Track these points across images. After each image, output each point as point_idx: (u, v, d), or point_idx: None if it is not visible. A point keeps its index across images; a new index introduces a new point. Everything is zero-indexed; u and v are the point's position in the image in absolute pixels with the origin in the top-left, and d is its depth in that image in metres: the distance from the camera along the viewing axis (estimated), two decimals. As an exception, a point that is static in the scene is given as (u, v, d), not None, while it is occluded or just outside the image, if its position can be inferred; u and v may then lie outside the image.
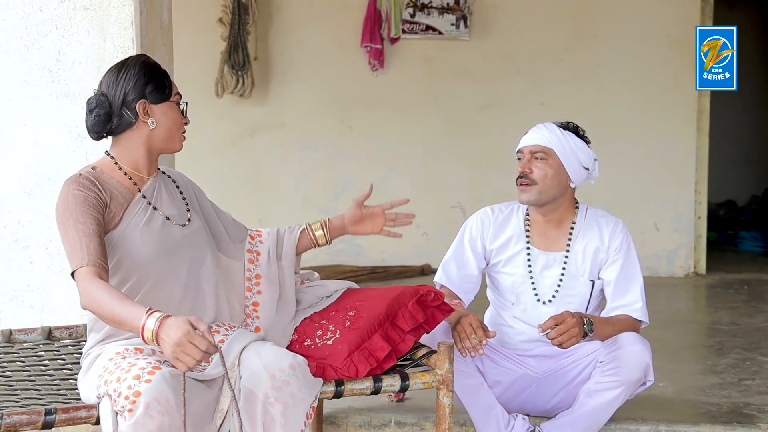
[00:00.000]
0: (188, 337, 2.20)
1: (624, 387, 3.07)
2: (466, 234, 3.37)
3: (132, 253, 2.57)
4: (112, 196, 2.59)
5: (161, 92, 2.66)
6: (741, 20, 7.80)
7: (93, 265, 2.41)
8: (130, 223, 2.60)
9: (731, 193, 9.39)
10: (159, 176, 2.76)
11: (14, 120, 3.43)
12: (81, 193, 2.54)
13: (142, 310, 2.28)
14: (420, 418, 3.46)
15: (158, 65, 2.73)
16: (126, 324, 2.31)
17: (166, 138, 2.69)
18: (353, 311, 2.84)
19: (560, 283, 3.25)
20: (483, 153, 6.72)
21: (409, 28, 6.74)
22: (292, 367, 2.46)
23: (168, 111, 2.68)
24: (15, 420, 2.34)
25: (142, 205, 2.64)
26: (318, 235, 3.04)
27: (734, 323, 5.30)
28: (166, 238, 2.64)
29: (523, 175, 3.21)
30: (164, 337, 2.23)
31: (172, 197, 2.75)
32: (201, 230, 2.76)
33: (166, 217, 2.67)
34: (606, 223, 3.28)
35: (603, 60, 6.72)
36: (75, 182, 2.58)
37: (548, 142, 3.21)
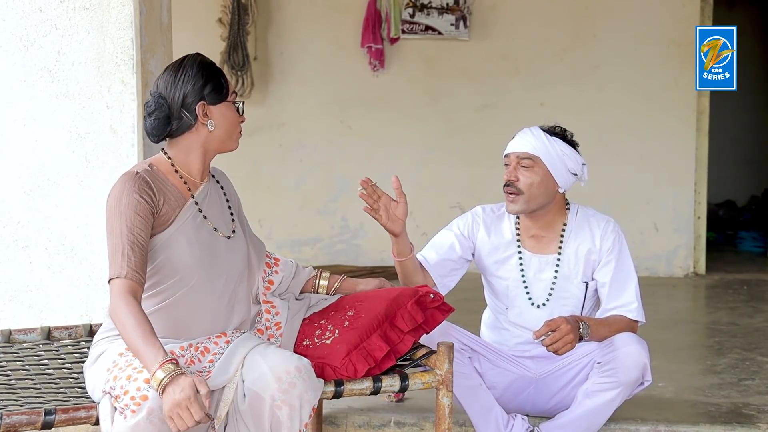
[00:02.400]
0: (187, 403, 2.22)
1: (622, 388, 3.07)
2: (455, 226, 3.36)
3: (175, 258, 2.56)
4: (165, 198, 2.57)
5: (219, 92, 2.64)
6: (740, 20, 7.79)
7: (130, 278, 2.40)
8: (179, 228, 2.58)
9: (731, 193, 9.39)
10: (210, 181, 2.74)
11: (14, 120, 3.44)
12: (135, 196, 2.50)
13: (159, 355, 2.28)
14: (419, 419, 3.46)
15: (214, 64, 2.71)
16: (139, 358, 2.32)
17: (224, 138, 2.67)
18: (352, 311, 2.84)
19: (553, 286, 3.25)
20: (482, 153, 6.72)
21: (409, 28, 6.75)
22: (298, 369, 2.46)
23: (226, 111, 2.66)
24: (15, 420, 2.34)
25: (193, 211, 2.62)
26: (321, 285, 3.00)
27: (734, 323, 5.30)
28: (211, 249, 2.63)
29: (510, 184, 3.19)
30: (168, 393, 2.24)
31: (220, 205, 2.74)
32: (242, 242, 2.75)
33: (214, 227, 2.66)
34: (597, 223, 3.27)
35: (602, 60, 6.72)
36: (132, 182, 2.53)
37: (534, 149, 3.18)
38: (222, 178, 2.85)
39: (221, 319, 2.65)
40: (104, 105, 3.41)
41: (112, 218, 2.50)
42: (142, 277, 2.44)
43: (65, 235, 3.43)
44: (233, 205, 2.81)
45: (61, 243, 3.43)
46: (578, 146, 3.26)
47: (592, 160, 3.35)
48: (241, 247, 2.76)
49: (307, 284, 2.99)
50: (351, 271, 6.35)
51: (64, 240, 3.43)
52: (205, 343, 2.57)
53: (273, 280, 2.89)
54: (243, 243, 2.77)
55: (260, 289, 2.85)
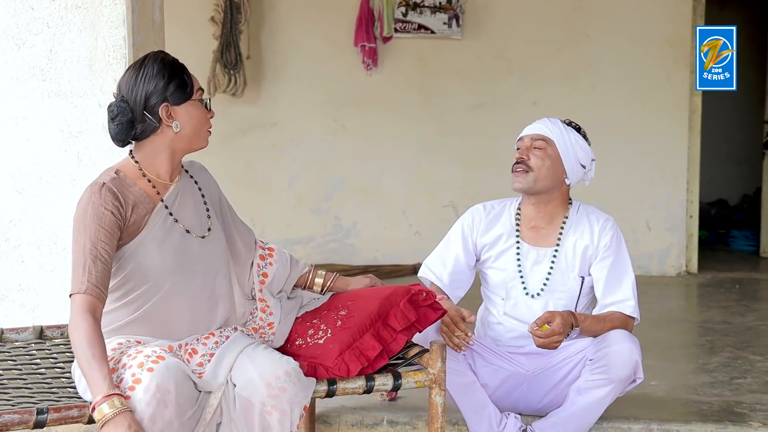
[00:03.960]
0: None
1: (613, 385, 3.08)
2: (458, 232, 3.38)
3: (146, 264, 2.54)
4: (134, 207, 2.54)
5: (183, 91, 2.60)
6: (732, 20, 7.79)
7: (89, 293, 2.40)
8: (149, 234, 2.55)
9: (723, 192, 9.41)
10: (183, 179, 2.69)
11: (5, 119, 3.43)
12: (100, 209, 2.48)
13: (104, 386, 2.27)
14: (412, 417, 3.46)
15: (177, 61, 2.65)
16: (86, 381, 2.32)
17: (191, 138, 2.63)
18: (345, 311, 2.84)
19: (548, 277, 3.26)
20: (476, 152, 6.73)
21: (402, 27, 6.74)
22: (287, 374, 2.46)
23: (192, 110, 2.62)
24: (7, 419, 2.33)
25: (162, 215, 2.59)
26: (317, 282, 2.98)
27: (726, 322, 5.31)
28: (184, 252, 2.60)
29: (521, 161, 3.23)
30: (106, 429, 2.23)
31: (194, 204, 2.69)
32: (219, 241, 2.72)
33: (186, 230, 2.63)
34: (596, 219, 3.29)
35: (595, 59, 6.73)
36: (98, 194, 2.51)
37: (549, 132, 3.25)
38: (198, 172, 2.80)
39: (203, 319, 2.64)
40: (96, 104, 3.40)
41: (76, 231, 2.48)
42: (103, 292, 2.43)
43: (57, 234, 3.42)
44: (210, 200, 2.75)
45: (53, 242, 3.42)
46: (590, 143, 3.30)
47: (585, 159, 3.36)
48: (218, 244, 2.71)
49: (299, 279, 2.97)
50: (344, 270, 6.34)
51: (56, 239, 3.42)
52: (194, 345, 2.57)
53: (267, 272, 2.87)
54: (220, 239, 2.73)
55: (255, 284, 2.83)
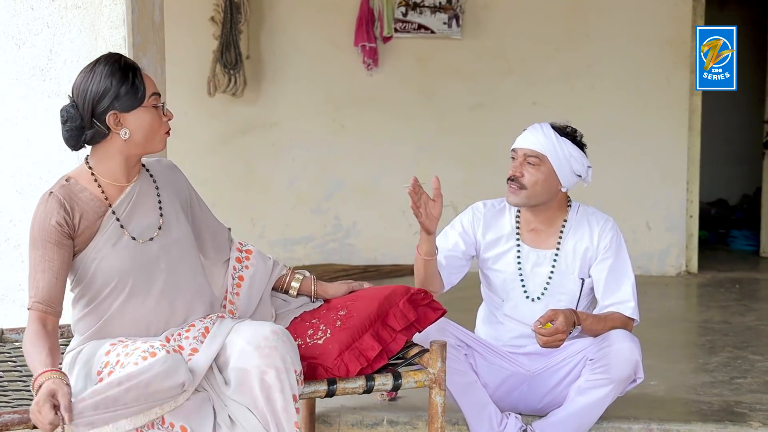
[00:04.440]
0: (37, 407, 2.18)
1: (614, 385, 3.08)
2: (458, 224, 3.39)
3: (106, 267, 2.54)
4: (82, 215, 2.53)
5: (133, 97, 2.51)
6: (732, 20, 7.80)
7: (36, 309, 2.42)
8: (101, 240, 2.54)
9: (723, 191, 9.40)
10: (139, 182, 2.63)
11: (5, 119, 3.43)
12: (45, 222, 2.48)
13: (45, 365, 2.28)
14: (412, 417, 3.46)
15: (128, 66, 2.55)
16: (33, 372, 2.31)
17: (143, 143, 2.56)
18: (344, 310, 2.84)
19: (549, 280, 3.26)
20: (475, 152, 6.72)
21: (402, 27, 6.74)
22: (275, 333, 2.48)
23: (143, 116, 2.54)
24: (6, 419, 2.34)
25: (111, 222, 2.56)
26: (293, 286, 2.95)
27: (726, 322, 5.31)
28: (141, 254, 2.58)
29: (514, 179, 3.21)
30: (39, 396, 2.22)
31: (147, 206, 2.63)
32: (180, 236, 2.67)
33: (132, 236, 2.57)
34: (596, 221, 3.29)
35: (595, 59, 6.73)
36: (44, 205, 2.51)
37: (542, 148, 3.19)
38: (162, 170, 2.74)
39: (179, 313, 2.62)
40: (96, 104, 3.40)
41: (29, 243, 2.50)
42: (52, 306, 2.44)
43: (57, 234, 3.42)
44: (167, 200, 2.68)
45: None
46: (586, 147, 3.28)
47: (584, 159, 3.36)
48: (181, 242, 2.66)
49: (277, 282, 2.95)
50: (344, 270, 6.35)
51: (56, 239, 3.42)
52: (179, 341, 2.56)
53: (243, 275, 2.86)
54: (182, 238, 2.67)
55: (230, 287, 2.84)
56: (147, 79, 2.57)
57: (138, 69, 2.56)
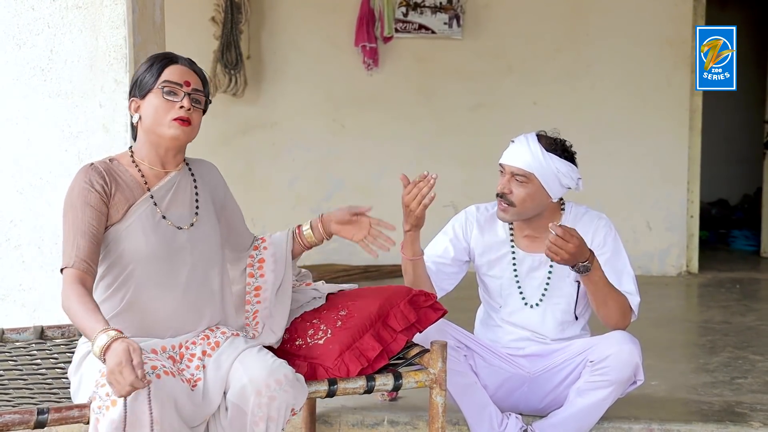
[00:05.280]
0: (119, 367, 2.19)
1: (614, 386, 3.08)
2: (450, 229, 3.37)
3: (132, 248, 2.56)
4: (118, 188, 2.59)
5: (146, 85, 2.61)
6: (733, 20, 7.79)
7: (77, 267, 2.43)
8: (135, 221, 2.58)
9: (723, 192, 9.41)
10: (179, 174, 2.71)
11: (6, 119, 3.43)
12: (86, 187, 2.54)
13: (99, 326, 2.28)
14: (413, 417, 3.46)
15: (160, 55, 2.69)
16: (87, 337, 2.33)
17: (152, 126, 2.61)
18: (345, 311, 2.84)
19: (547, 285, 3.25)
20: (475, 152, 6.72)
21: (402, 27, 6.75)
22: (278, 383, 2.45)
23: (152, 101, 2.61)
24: (7, 419, 2.33)
25: (148, 204, 2.61)
26: (306, 233, 2.97)
27: (726, 322, 5.31)
28: (170, 242, 2.61)
29: (502, 195, 3.18)
30: (106, 361, 2.24)
31: (184, 199, 2.70)
32: (210, 235, 2.71)
33: (168, 221, 2.62)
34: (589, 220, 3.26)
35: (595, 59, 6.73)
36: (84, 173, 2.58)
37: (528, 166, 3.14)
38: (202, 169, 2.81)
39: (190, 315, 2.62)
40: (97, 104, 3.41)
41: (65, 210, 2.55)
42: (92, 267, 2.47)
43: (58, 234, 3.39)
44: (203, 195, 2.74)
45: (54, 242, 3.43)
46: (576, 155, 3.24)
47: (584, 159, 3.34)
48: (209, 238, 2.70)
49: (295, 245, 2.96)
50: (344, 270, 6.36)
51: (57, 239, 3.41)
52: (192, 349, 2.56)
53: (264, 257, 2.89)
54: (211, 235, 2.71)
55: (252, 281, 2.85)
56: (170, 69, 2.64)
57: (164, 59, 2.66)
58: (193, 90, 2.64)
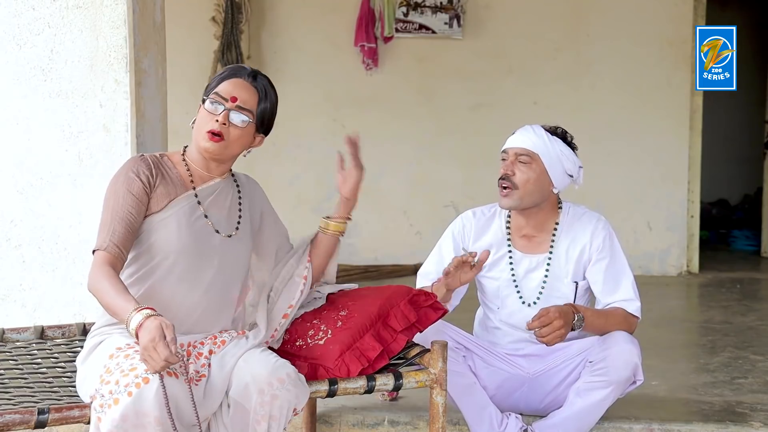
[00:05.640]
0: (153, 344, 2.26)
1: (613, 387, 3.08)
2: (449, 239, 3.35)
3: (165, 240, 2.60)
4: (163, 181, 2.65)
5: (207, 91, 2.71)
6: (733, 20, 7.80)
7: (109, 251, 2.50)
8: (174, 213, 2.63)
9: (724, 191, 9.41)
10: (226, 182, 2.77)
11: (7, 119, 3.43)
12: (131, 176, 2.60)
13: (131, 305, 2.34)
14: (413, 417, 3.46)
15: (230, 67, 2.79)
16: (118, 316, 2.39)
17: (193, 134, 2.70)
18: (345, 311, 2.84)
19: (544, 285, 3.24)
20: (476, 152, 6.72)
21: (403, 27, 6.75)
22: (281, 381, 2.45)
23: (201, 111, 2.70)
24: (8, 419, 2.33)
25: (190, 201, 2.67)
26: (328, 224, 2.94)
27: (727, 322, 5.31)
28: (203, 242, 2.65)
29: (506, 177, 3.18)
30: (139, 338, 2.30)
31: (227, 206, 2.75)
32: (243, 248, 2.76)
33: (209, 221, 2.68)
34: (588, 221, 3.26)
35: (596, 59, 6.73)
36: (132, 162, 2.65)
37: (534, 146, 3.17)
38: (247, 183, 2.87)
39: (207, 318, 2.65)
40: (97, 104, 3.40)
41: (107, 194, 2.61)
42: (123, 253, 2.53)
43: (58, 234, 3.42)
44: (246, 210, 2.81)
45: (54, 242, 3.42)
46: (577, 149, 3.26)
47: (585, 159, 3.34)
48: (242, 249, 2.76)
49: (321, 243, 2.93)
50: (345, 270, 6.35)
51: (57, 239, 3.42)
52: (200, 348, 2.56)
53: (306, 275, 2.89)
54: (244, 248, 2.77)
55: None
56: (229, 82, 2.71)
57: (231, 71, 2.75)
58: (236, 107, 2.68)
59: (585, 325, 3.08)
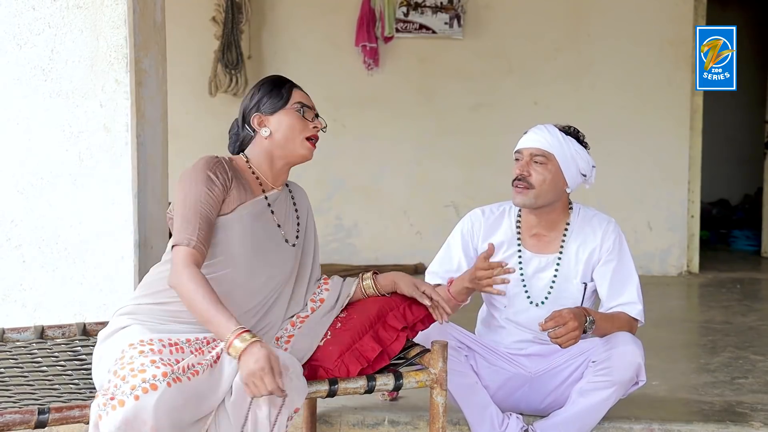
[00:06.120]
0: (261, 373, 2.31)
1: (616, 387, 3.07)
2: (457, 238, 3.33)
3: (231, 243, 2.65)
4: (237, 184, 2.69)
5: (276, 102, 2.78)
6: (733, 20, 7.80)
7: (196, 249, 2.54)
8: (242, 217, 2.67)
9: (724, 192, 9.41)
10: (283, 192, 2.84)
11: (7, 119, 3.42)
12: (210, 174, 2.64)
13: (231, 324, 2.40)
14: (414, 417, 3.46)
15: (282, 78, 2.86)
16: (210, 327, 2.45)
17: (283, 143, 2.76)
18: (344, 313, 2.85)
19: (552, 285, 3.24)
20: (476, 152, 6.73)
21: (403, 27, 6.75)
22: (285, 369, 2.45)
23: (283, 118, 2.77)
24: (8, 419, 2.33)
25: (261, 206, 2.74)
26: (366, 284, 2.95)
27: (727, 322, 5.31)
28: (263, 247, 2.71)
29: (521, 178, 3.17)
30: (244, 362, 2.34)
31: (287, 214, 2.83)
32: (304, 255, 2.85)
33: (282, 231, 2.77)
34: (598, 223, 3.26)
35: (596, 59, 6.74)
36: (212, 162, 2.68)
37: (549, 146, 3.16)
38: (298, 193, 2.94)
39: (254, 319, 2.69)
40: (98, 104, 3.40)
41: (183, 190, 2.62)
42: (206, 251, 2.58)
43: (59, 234, 3.42)
44: (302, 218, 2.88)
45: (54, 242, 3.43)
46: (590, 148, 3.26)
47: (585, 159, 3.35)
48: (305, 257, 2.85)
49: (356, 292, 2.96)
50: (345, 270, 6.35)
51: (58, 239, 3.42)
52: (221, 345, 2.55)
53: (323, 298, 2.91)
54: (306, 254, 2.86)
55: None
56: (297, 92, 2.85)
57: (288, 83, 2.85)
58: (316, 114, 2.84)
59: (595, 328, 3.08)
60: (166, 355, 2.43)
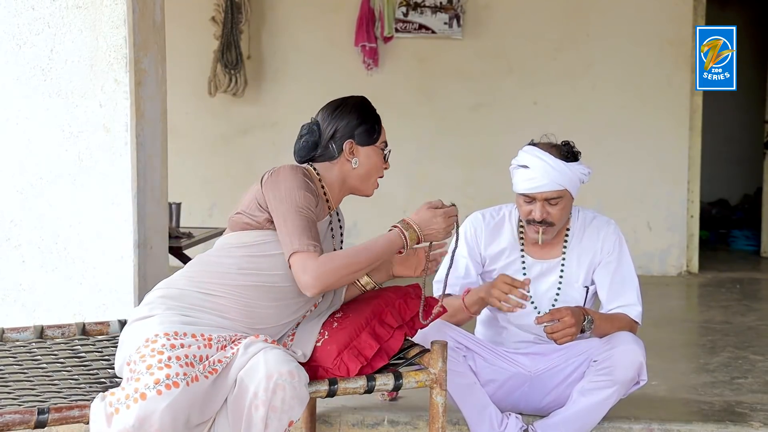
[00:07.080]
0: (432, 214, 2.66)
1: (617, 386, 3.07)
2: (462, 245, 3.30)
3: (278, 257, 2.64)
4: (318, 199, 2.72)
5: (370, 136, 2.84)
6: (733, 20, 7.81)
7: (317, 252, 2.57)
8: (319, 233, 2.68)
9: (724, 192, 9.41)
10: (335, 215, 2.89)
11: (7, 119, 3.43)
12: (310, 185, 2.68)
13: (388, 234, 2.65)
14: (413, 417, 3.46)
15: (374, 110, 2.92)
16: (389, 251, 2.65)
17: (363, 179, 2.84)
18: (340, 312, 2.85)
19: (558, 290, 3.24)
20: (476, 152, 6.73)
21: (402, 27, 6.75)
22: (290, 374, 2.43)
23: (372, 154, 2.84)
24: (8, 419, 2.33)
25: (331, 223, 2.81)
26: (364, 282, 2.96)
27: (727, 322, 5.31)
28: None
29: (542, 221, 3.14)
30: (415, 228, 2.67)
31: (337, 237, 2.88)
32: None
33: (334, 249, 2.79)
34: (599, 225, 3.26)
35: (596, 59, 6.74)
36: (304, 173, 2.69)
37: (560, 185, 3.11)
38: (341, 214, 2.98)
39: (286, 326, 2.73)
40: (97, 104, 3.40)
41: (291, 200, 2.62)
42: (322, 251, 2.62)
43: (58, 234, 3.42)
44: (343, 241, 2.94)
45: (53, 242, 3.42)
46: (580, 155, 3.24)
47: (585, 159, 3.34)
48: None
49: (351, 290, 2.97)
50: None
51: (57, 239, 3.42)
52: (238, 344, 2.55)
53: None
54: None
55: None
56: (383, 128, 2.93)
57: (378, 116, 2.93)
58: None
59: (593, 328, 3.08)
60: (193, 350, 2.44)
